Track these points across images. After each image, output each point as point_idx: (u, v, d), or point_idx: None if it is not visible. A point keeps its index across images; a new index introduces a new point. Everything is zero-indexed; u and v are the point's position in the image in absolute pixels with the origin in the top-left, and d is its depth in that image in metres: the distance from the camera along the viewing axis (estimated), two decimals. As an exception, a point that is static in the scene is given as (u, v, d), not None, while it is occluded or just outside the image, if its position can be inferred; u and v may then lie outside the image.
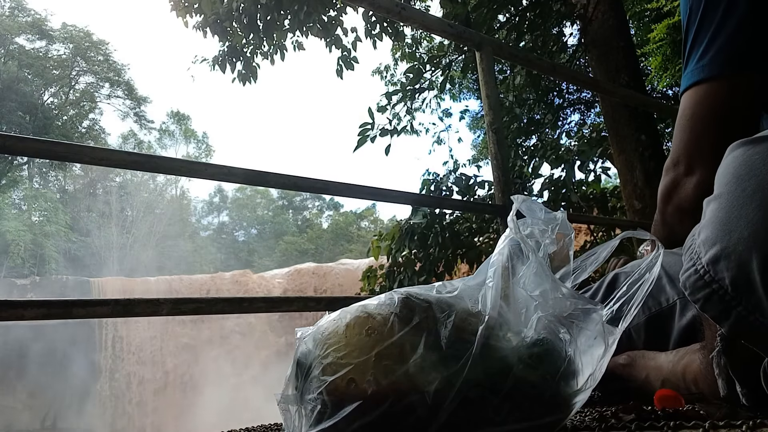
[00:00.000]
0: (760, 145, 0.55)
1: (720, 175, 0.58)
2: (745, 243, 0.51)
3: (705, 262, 0.55)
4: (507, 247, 0.66)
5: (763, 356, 0.57)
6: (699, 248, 0.57)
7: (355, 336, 0.57)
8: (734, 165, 0.56)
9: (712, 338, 0.64)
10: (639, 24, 6.77)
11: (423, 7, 6.91)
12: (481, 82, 1.85)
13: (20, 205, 24.26)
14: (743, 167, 0.55)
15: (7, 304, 1.02)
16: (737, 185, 0.54)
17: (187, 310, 1.20)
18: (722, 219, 0.54)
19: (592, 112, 8.03)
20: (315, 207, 33.38)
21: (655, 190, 0.80)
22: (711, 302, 0.55)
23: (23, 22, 24.44)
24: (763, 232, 0.51)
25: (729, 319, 0.54)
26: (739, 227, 0.52)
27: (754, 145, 0.56)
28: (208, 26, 4.87)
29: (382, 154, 7.68)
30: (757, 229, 0.51)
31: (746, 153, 0.56)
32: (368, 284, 4.90)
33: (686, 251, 0.59)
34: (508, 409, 0.55)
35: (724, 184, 0.56)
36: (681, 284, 0.59)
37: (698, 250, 0.57)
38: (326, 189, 1.54)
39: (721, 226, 0.54)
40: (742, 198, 0.53)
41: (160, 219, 26.95)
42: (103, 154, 1.22)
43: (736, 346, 0.60)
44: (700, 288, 0.56)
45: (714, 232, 0.55)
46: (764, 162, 0.53)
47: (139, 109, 28.00)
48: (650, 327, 0.95)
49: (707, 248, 0.55)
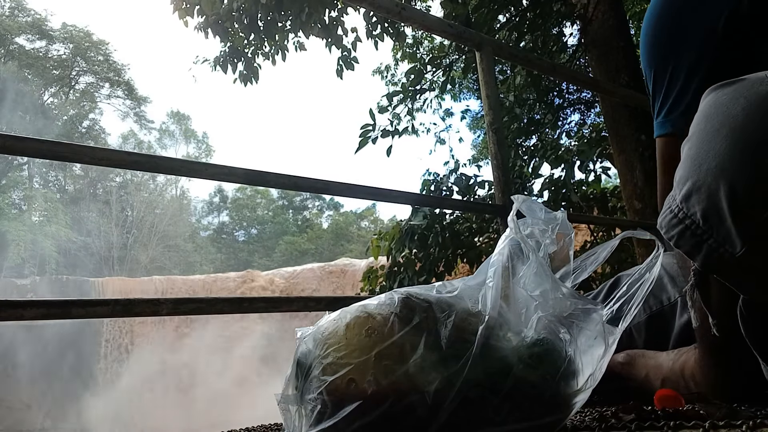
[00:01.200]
0: (728, 87, 0.58)
1: (694, 118, 0.60)
2: (713, 174, 0.53)
3: (679, 200, 0.57)
4: (507, 247, 0.66)
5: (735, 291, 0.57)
6: (675, 189, 0.58)
7: (355, 336, 0.57)
8: (705, 107, 0.59)
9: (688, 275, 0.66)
10: (639, 24, 6.77)
11: (423, 7, 6.91)
12: (481, 82, 1.85)
13: (20, 205, 24.27)
14: (712, 107, 0.57)
15: (7, 304, 1.02)
16: (706, 123, 0.57)
17: (187, 310, 1.20)
18: (692, 156, 0.56)
19: (592, 112, 8.03)
20: (315, 207, 33.39)
21: (655, 190, 0.81)
22: (684, 238, 0.56)
23: (23, 22, 24.45)
24: (728, 162, 0.52)
25: (701, 252, 0.55)
26: (708, 160, 0.54)
27: (723, 87, 0.58)
28: (209, 27, 4.87)
29: (383, 154, 7.68)
30: (724, 159, 0.53)
31: (716, 95, 0.58)
32: (368, 284, 4.90)
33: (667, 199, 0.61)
34: (508, 409, 0.55)
35: (695, 125, 0.59)
36: (657, 225, 0.61)
37: (674, 191, 0.58)
38: (326, 189, 1.54)
39: (692, 162, 0.56)
40: (711, 133, 0.55)
41: (160, 219, 26.95)
42: (103, 154, 1.22)
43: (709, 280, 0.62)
44: (674, 225, 0.57)
45: (686, 169, 0.57)
46: (730, 99, 0.56)
47: (139, 109, 28.04)
48: (651, 326, 0.95)
49: (681, 186, 0.57)
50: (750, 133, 0.52)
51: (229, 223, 32.02)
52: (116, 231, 25.32)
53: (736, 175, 0.51)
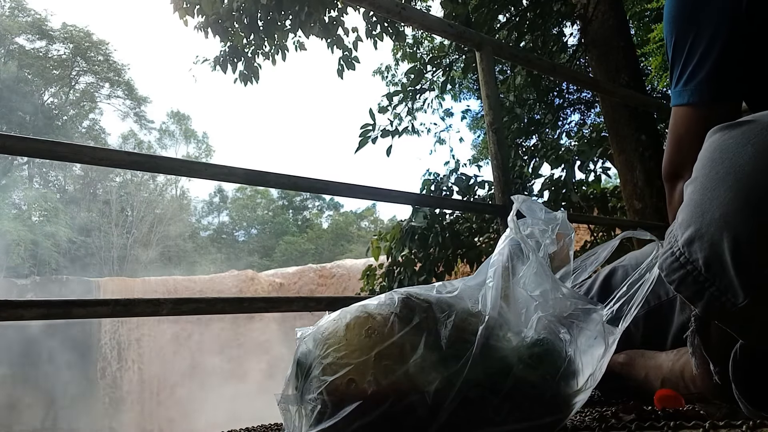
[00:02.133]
0: (734, 129, 0.56)
1: (698, 159, 0.59)
2: (716, 224, 0.52)
3: (681, 244, 0.56)
4: (507, 247, 0.66)
5: (736, 337, 0.57)
6: (676, 231, 0.58)
7: (355, 336, 0.57)
8: (710, 149, 0.58)
9: None
10: (639, 24, 6.77)
11: (423, 7, 6.91)
12: (481, 82, 1.85)
13: (20, 205, 24.26)
14: (717, 151, 0.56)
15: (7, 304, 1.02)
16: (711, 168, 0.55)
17: (188, 310, 1.20)
18: (696, 201, 0.55)
19: (592, 112, 8.03)
20: (315, 207, 33.37)
21: (655, 190, 0.82)
22: (685, 283, 0.56)
23: (23, 22, 24.44)
24: (733, 213, 0.51)
25: (702, 299, 0.55)
26: (712, 209, 0.53)
27: (730, 129, 0.57)
28: (209, 26, 4.87)
29: (383, 154, 7.67)
30: (728, 211, 0.52)
31: (722, 138, 0.57)
32: (368, 284, 4.90)
33: (667, 234, 0.60)
34: (508, 409, 0.55)
35: (700, 167, 0.57)
36: (658, 266, 0.60)
37: (675, 232, 0.58)
38: (326, 189, 1.53)
39: (695, 208, 0.55)
40: (715, 180, 0.54)
41: (160, 219, 26.93)
42: (103, 154, 1.22)
43: (711, 326, 0.61)
44: (676, 269, 0.56)
45: (689, 214, 0.56)
46: (737, 145, 0.54)
47: (139, 109, 28.02)
48: (649, 321, 0.95)
49: (683, 230, 0.56)
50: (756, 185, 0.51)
51: (229, 223, 32.01)
52: (116, 231, 25.30)
53: (740, 228, 0.51)
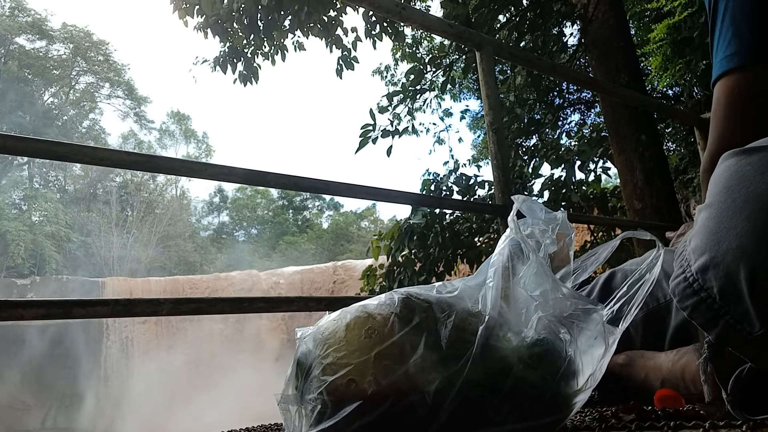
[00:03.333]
0: (752, 155, 0.55)
1: (712, 184, 0.58)
2: (733, 254, 0.52)
3: (694, 270, 0.55)
4: (507, 247, 0.66)
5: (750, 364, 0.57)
6: (689, 256, 0.57)
7: (355, 336, 0.57)
8: (726, 175, 0.56)
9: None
10: (639, 24, 6.76)
11: (423, 7, 6.91)
12: (481, 82, 1.85)
13: (20, 205, 24.25)
14: (734, 177, 0.55)
15: (7, 304, 1.02)
16: (728, 195, 0.54)
17: (188, 310, 1.20)
18: (712, 229, 0.54)
19: (592, 112, 8.03)
20: (315, 207, 33.36)
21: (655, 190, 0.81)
22: (699, 310, 0.55)
23: (23, 22, 24.44)
24: (751, 244, 0.51)
25: (716, 327, 0.54)
26: (728, 238, 0.52)
27: (747, 155, 0.56)
28: (209, 27, 4.87)
29: (383, 154, 7.67)
30: (746, 241, 0.51)
31: (738, 163, 0.56)
32: (368, 284, 4.90)
33: (677, 257, 0.59)
34: (509, 409, 0.55)
35: (716, 193, 0.56)
36: (670, 291, 0.59)
37: (688, 257, 0.57)
38: (326, 189, 1.53)
39: (710, 235, 0.54)
40: (732, 209, 0.53)
41: (161, 219, 26.92)
42: (103, 154, 1.22)
43: (723, 352, 0.60)
44: (689, 296, 0.56)
45: (704, 241, 0.55)
46: (755, 173, 0.54)
47: (139, 109, 28.02)
48: (648, 323, 0.95)
49: (697, 256, 0.55)
50: None
51: (229, 223, 32.01)
52: (116, 231, 25.29)
53: (757, 259, 0.50)
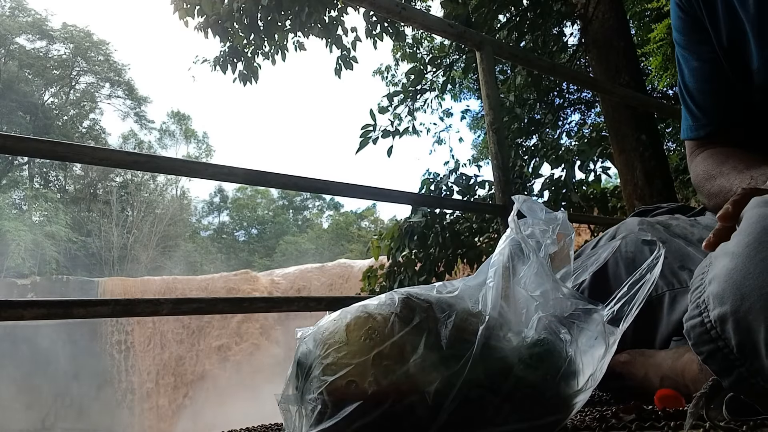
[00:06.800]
0: None
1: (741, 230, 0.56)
2: (756, 311, 0.51)
3: (713, 318, 0.54)
4: (508, 247, 0.66)
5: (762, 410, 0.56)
6: (708, 299, 0.55)
7: (355, 336, 0.57)
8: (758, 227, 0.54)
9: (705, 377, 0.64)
10: (639, 24, 6.77)
11: (423, 7, 6.91)
12: (481, 82, 1.85)
13: (20, 205, 24.27)
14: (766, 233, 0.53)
15: (7, 304, 1.02)
16: (757, 250, 0.53)
17: (188, 310, 1.20)
18: (737, 281, 0.53)
19: (593, 112, 8.03)
20: (315, 207, 33.39)
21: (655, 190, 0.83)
22: (715, 358, 0.55)
23: (23, 22, 24.45)
24: None
25: (731, 376, 0.54)
26: (752, 296, 0.51)
27: None
28: (209, 27, 4.87)
29: (383, 154, 7.68)
30: None
31: None
32: (368, 284, 4.90)
33: (692, 293, 0.58)
34: (509, 410, 0.55)
35: (744, 245, 0.54)
36: (685, 332, 0.58)
37: (707, 300, 0.55)
38: (326, 189, 1.54)
39: (734, 287, 0.53)
40: (761, 266, 0.52)
41: (161, 219, 26.92)
42: (103, 154, 1.22)
43: (721, 394, 0.60)
44: (706, 342, 0.55)
45: (727, 290, 0.53)
46: None
47: (140, 109, 28.04)
48: (638, 319, 0.95)
49: (716, 304, 0.54)
50: None
51: (229, 223, 32.02)
52: (116, 231, 25.29)
53: None
